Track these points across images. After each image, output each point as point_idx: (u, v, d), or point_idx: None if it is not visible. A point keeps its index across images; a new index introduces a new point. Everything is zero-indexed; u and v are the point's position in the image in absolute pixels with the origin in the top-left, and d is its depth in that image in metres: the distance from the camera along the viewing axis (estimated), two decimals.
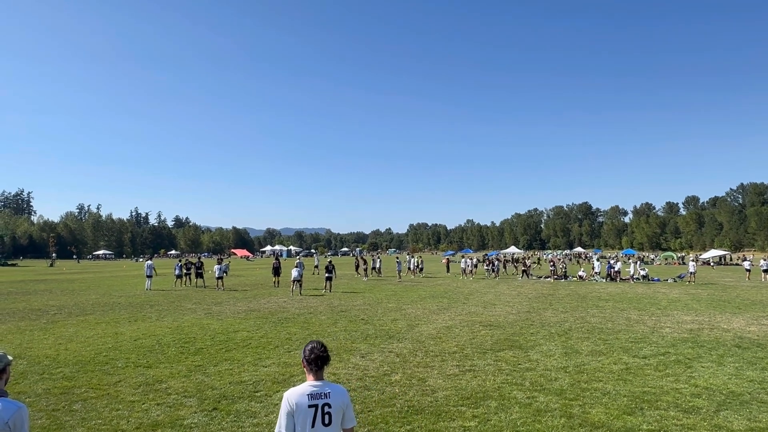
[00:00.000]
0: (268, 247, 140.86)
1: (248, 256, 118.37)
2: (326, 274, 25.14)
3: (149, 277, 26.14)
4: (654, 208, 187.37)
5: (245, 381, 8.29)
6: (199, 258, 31.56)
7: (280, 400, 7.10)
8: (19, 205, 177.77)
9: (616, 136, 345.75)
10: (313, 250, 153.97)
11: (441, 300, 20.89)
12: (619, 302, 20.05)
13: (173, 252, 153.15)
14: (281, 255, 67.82)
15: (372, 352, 10.40)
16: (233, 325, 14.14)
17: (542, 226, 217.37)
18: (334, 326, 13.98)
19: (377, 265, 38.20)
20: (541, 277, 35.73)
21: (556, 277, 34.05)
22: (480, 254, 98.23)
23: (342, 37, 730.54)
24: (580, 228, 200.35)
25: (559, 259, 49.49)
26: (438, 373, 8.83)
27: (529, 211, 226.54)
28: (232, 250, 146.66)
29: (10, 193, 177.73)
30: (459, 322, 14.83)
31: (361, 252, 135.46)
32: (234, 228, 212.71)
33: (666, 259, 79.10)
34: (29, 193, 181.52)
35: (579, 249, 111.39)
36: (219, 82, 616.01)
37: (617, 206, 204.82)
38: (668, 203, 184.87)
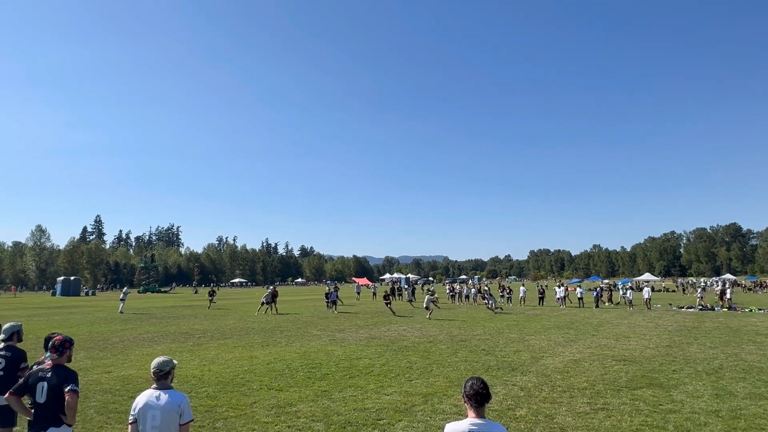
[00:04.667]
0: (387, 275, 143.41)
1: (368, 285, 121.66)
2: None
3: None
4: None
5: (368, 408, 8.45)
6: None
7: (402, 430, 7.15)
8: (170, 238, 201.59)
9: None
10: (431, 278, 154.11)
11: (567, 331, 19.72)
12: None
13: (299, 280, 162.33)
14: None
15: (494, 385, 10.06)
16: (356, 352, 14.54)
17: (681, 250, 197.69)
18: (455, 356, 13.79)
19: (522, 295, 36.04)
20: (683, 308, 32.31)
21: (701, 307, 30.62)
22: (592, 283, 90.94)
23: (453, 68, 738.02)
24: (728, 252, 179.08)
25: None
26: (567, 410, 8.30)
27: (665, 234, 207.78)
28: (354, 279, 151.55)
29: (163, 228, 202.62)
30: (588, 355, 13.87)
31: (479, 280, 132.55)
32: (354, 257, 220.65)
33: None
34: (178, 227, 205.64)
35: (728, 276, 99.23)
36: (333, 124, 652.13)
37: None
38: None
